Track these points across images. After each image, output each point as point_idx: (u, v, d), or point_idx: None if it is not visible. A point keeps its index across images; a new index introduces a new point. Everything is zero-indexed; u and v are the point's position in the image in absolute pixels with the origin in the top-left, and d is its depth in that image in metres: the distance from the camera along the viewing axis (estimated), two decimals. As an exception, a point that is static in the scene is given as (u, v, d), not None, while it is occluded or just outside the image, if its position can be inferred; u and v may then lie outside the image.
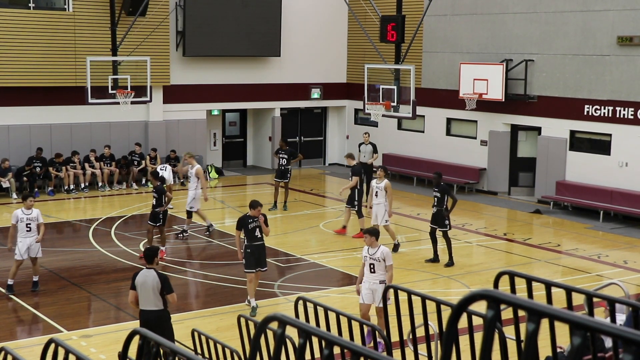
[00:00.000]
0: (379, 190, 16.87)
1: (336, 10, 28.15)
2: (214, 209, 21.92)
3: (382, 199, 16.81)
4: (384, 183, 16.85)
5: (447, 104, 25.10)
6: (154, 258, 9.99)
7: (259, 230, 12.87)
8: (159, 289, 9.72)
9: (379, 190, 16.86)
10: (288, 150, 21.41)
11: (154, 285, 9.72)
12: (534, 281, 4.87)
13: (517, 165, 24.03)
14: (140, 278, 9.80)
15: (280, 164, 21.34)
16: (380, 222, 16.84)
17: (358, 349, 3.01)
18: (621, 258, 17.12)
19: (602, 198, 21.02)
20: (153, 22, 24.16)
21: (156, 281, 9.73)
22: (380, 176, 16.95)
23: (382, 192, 16.82)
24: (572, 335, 2.58)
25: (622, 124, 20.80)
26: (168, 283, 9.83)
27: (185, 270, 15.77)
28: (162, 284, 9.74)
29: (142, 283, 9.77)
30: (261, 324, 3.52)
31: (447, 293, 14.30)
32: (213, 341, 9.08)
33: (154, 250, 10.17)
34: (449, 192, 16.15)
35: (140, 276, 9.83)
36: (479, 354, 2.85)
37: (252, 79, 27.54)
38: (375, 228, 11.50)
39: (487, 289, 2.69)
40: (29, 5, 23.39)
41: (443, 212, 15.96)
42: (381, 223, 16.82)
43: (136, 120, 25.33)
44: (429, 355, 6.70)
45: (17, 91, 23.27)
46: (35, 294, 14.13)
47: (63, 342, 4.46)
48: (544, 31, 22.58)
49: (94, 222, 19.91)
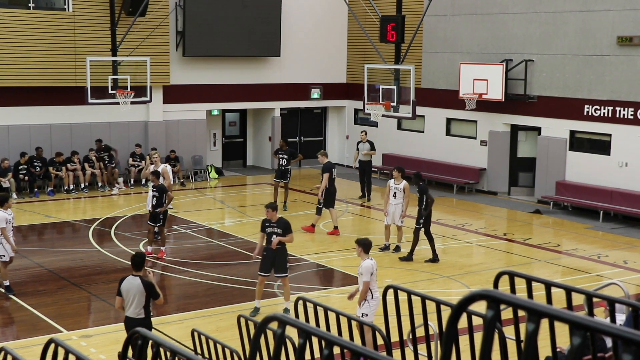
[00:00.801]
0: (397, 191, 16.87)
1: (336, 11, 28.15)
2: (214, 209, 21.93)
3: (400, 199, 16.84)
4: (403, 184, 16.84)
5: (447, 104, 25.10)
6: (142, 265, 9.85)
7: (275, 235, 12.83)
8: (144, 296, 9.60)
9: (398, 192, 16.86)
10: (288, 151, 21.38)
11: (137, 293, 9.60)
12: (534, 281, 4.87)
13: (517, 165, 24.03)
14: (126, 285, 9.70)
15: (280, 164, 21.31)
16: (397, 221, 16.93)
17: (358, 349, 3.01)
18: (621, 258, 17.12)
19: (602, 198, 21.02)
20: (153, 22, 24.15)
21: (140, 289, 9.61)
22: (397, 177, 16.93)
23: (401, 192, 16.83)
24: (572, 336, 2.58)
25: (622, 124, 20.80)
26: (154, 290, 9.70)
27: (185, 270, 15.76)
28: (148, 292, 9.62)
29: (126, 290, 9.67)
30: (261, 324, 3.52)
31: (447, 293, 14.30)
32: (213, 341, 9.08)
33: (141, 256, 10.00)
34: (426, 192, 16.31)
35: (125, 283, 9.72)
36: (478, 354, 2.85)
37: (252, 79, 27.54)
38: (366, 239, 11.23)
39: (487, 289, 2.69)
40: (29, 5, 23.38)
41: (422, 212, 16.19)
42: (398, 223, 16.92)
43: (136, 121, 25.33)
44: (428, 355, 6.70)
45: (17, 91, 23.26)
46: (34, 295, 14.12)
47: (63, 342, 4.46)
48: (543, 31, 22.58)
49: (94, 222, 19.90)
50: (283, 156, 21.23)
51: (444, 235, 19.08)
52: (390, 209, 17.02)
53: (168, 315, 13.29)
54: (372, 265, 10.75)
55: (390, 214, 17.05)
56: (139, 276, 9.75)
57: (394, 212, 16.97)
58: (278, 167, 21.49)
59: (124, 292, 9.72)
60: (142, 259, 9.94)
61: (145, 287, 9.64)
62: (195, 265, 16.42)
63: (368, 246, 11.04)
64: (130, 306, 9.69)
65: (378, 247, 16.68)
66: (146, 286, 9.66)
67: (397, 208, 16.93)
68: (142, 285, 9.64)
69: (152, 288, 9.71)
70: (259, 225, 13.52)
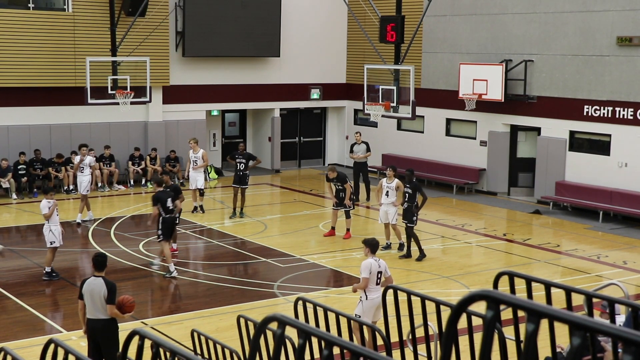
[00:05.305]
0: (389, 189, 16.93)
1: (336, 11, 28.16)
2: (213, 209, 21.92)
3: (393, 198, 16.89)
4: (395, 182, 16.90)
5: (447, 105, 25.10)
6: (104, 265, 9.62)
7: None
8: (106, 297, 9.37)
9: (390, 190, 16.92)
10: (246, 154, 20.43)
11: (101, 294, 9.37)
12: (534, 281, 4.87)
13: (516, 166, 24.04)
14: (88, 287, 9.46)
15: (239, 168, 20.17)
16: (391, 220, 16.96)
17: (357, 349, 3.01)
18: (621, 258, 17.12)
19: (601, 198, 21.02)
20: (152, 23, 24.16)
21: (104, 289, 9.37)
22: (390, 176, 17.00)
23: (393, 191, 16.90)
24: (572, 336, 2.58)
25: (622, 125, 20.80)
26: (113, 293, 9.41)
27: (185, 271, 15.76)
28: (107, 293, 9.36)
29: (89, 292, 9.43)
30: (261, 325, 3.52)
31: (447, 293, 14.29)
32: (212, 341, 9.08)
33: (104, 257, 9.76)
34: (420, 190, 16.39)
35: (87, 285, 9.49)
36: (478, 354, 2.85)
37: (252, 80, 27.54)
38: (372, 239, 11.20)
39: (486, 290, 2.69)
40: (29, 5, 23.38)
41: (413, 209, 16.23)
42: (392, 222, 16.97)
43: (136, 121, 25.33)
44: (428, 355, 6.70)
45: (17, 91, 23.27)
46: (34, 295, 14.12)
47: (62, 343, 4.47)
48: (543, 31, 22.58)
49: (94, 222, 19.89)
50: (241, 160, 20.19)
51: (443, 235, 19.09)
52: (382, 208, 17.08)
53: (168, 315, 13.30)
54: (372, 264, 10.71)
55: (382, 213, 17.10)
56: (102, 277, 9.52)
57: (387, 211, 17.00)
58: (236, 172, 20.30)
59: (85, 293, 9.46)
60: (104, 259, 9.70)
61: (108, 287, 9.39)
62: (195, 265, 16.42)
63: (374, 246, 11.02)
64: (94, 307, 9.43)
65: (380, 247, 16.67)
66: (109, 286, 9.41)
67: (390, 207, 16.96)
68: (105, 285, 9.41)
69: (113, 291, 9.42)
70: (259, 225, 13.50)
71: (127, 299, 9.64)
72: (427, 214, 20.33)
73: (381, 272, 10.73)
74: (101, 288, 9.40)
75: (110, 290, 9.40)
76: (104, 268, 9.63)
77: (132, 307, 9.64)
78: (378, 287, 10.69)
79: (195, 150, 20.80)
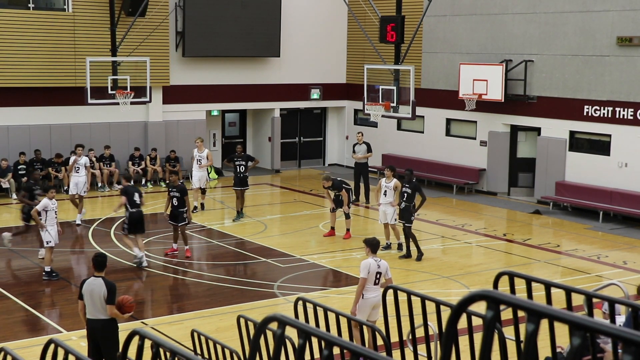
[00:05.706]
0: (388, 189, 16.94)
1: (336, 11, 28.16)
2: (214, 209, 21.93)
3: (391, 198, 16.88)
4: (394, 182, 16.90)
5: (447, 105, 25.10)
6: (104, 265, 9.61)
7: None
8: (106, 297, 9.35)
9: (388, 190, 16.92)
10: (245, 156, 20.24)
11: (100, 294, 9.35)
12: (534, 282, 4.87)
13: (516, 166, 24.04)
14: (88, 287, 9.45)
15: (239, 171, 19.97)
16: (390, 220, 16.97)
17: (358, 350, 3.01)
18: (621, 258, 17.12)
19: (601, 198, 21.02)
20: (153, 23, 24.16)
21: (103, 290, 9.36)
22: (389, 175, 17.01)
23: (391, 191, 16.90)
24: (572, 336, 2.58)
25: (622, 125, 20.80)
26: (113, 293, 9.39)
27: (186, 271, 15.76)
28: (107, 293, 9.35)
29: (89, 292, 9.42)
30: (261, 325, 3.52)
31: (447, 293, 14.29)
32: (213, 342, 9.08)
33: (104, 257, 9.74)
34: (420, 190, 16.39)
35: (87, 285, 9.47)
36: (478, 354, 2.85)
37: (252, 80, 27.54)
38: (373, 239, 11.19)
39: (486, 290, 2.69)
40: (29, 5, 23.38)
41: (411, 209, 16.25)
42: (390, 222, 16.98)
43: (136, 121, 25.33)
44: (428, 355, 6.70)
45: (17, 91, 23.26)
46: (34, 295, 14.12)
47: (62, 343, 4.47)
48: (543, 31, 22.58)
49: (94, 222, 19.90)
50: (240, 162, 19.97)
51: (443, 235, 19.09)
52: (380, 208, 17.08)
53: (168, 315, 13.30)
54: (371, 264, 10.69)
55: (381, 213, 17.11)
56: (102, 277, 9.51)
57: (385, 211, 17.01)
58: (236, 174, 20.04)
59: (85, 294, 9.45)
60: (104, 259, 9.69)
61: (108, 287, 9.38)
62: (195, 265, 16.42)
63: (375, 246, 11.00)
64: (94, 307, 9.42)
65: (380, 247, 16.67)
66: (108, 287, 9.40)
67: (388, 207, 16.96)
68: (104, 285, 9.40)
69: (113, 291, 9.41)
70: (259, 225, 13.50)
71: (127, 299, 9.64)
72: (427, 214, 20.34)
73: (380, 272, 10.71)
74: (101, 288, 9.39)
75: (110, 291, 9.39)
76: (104, 268, 9.61)
77: (132, 307, 9.64)
78: (376, 287, 10.68)
79: (201, 149, 21.09)
